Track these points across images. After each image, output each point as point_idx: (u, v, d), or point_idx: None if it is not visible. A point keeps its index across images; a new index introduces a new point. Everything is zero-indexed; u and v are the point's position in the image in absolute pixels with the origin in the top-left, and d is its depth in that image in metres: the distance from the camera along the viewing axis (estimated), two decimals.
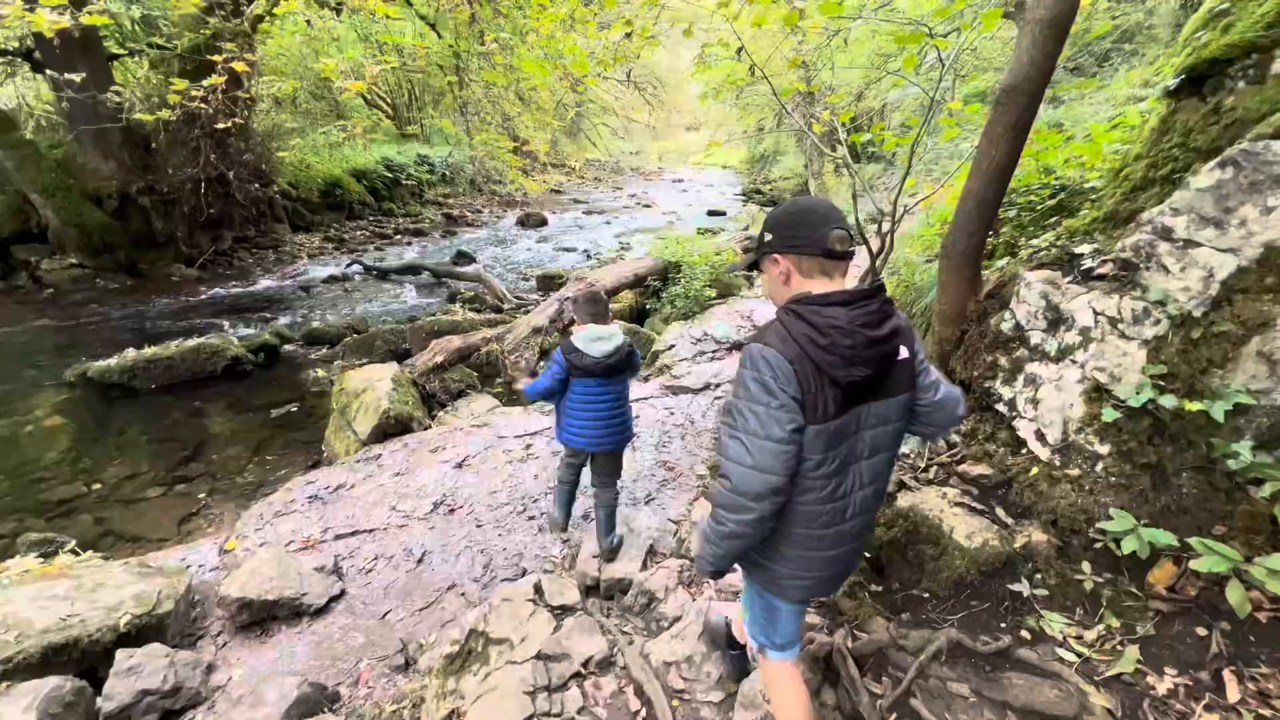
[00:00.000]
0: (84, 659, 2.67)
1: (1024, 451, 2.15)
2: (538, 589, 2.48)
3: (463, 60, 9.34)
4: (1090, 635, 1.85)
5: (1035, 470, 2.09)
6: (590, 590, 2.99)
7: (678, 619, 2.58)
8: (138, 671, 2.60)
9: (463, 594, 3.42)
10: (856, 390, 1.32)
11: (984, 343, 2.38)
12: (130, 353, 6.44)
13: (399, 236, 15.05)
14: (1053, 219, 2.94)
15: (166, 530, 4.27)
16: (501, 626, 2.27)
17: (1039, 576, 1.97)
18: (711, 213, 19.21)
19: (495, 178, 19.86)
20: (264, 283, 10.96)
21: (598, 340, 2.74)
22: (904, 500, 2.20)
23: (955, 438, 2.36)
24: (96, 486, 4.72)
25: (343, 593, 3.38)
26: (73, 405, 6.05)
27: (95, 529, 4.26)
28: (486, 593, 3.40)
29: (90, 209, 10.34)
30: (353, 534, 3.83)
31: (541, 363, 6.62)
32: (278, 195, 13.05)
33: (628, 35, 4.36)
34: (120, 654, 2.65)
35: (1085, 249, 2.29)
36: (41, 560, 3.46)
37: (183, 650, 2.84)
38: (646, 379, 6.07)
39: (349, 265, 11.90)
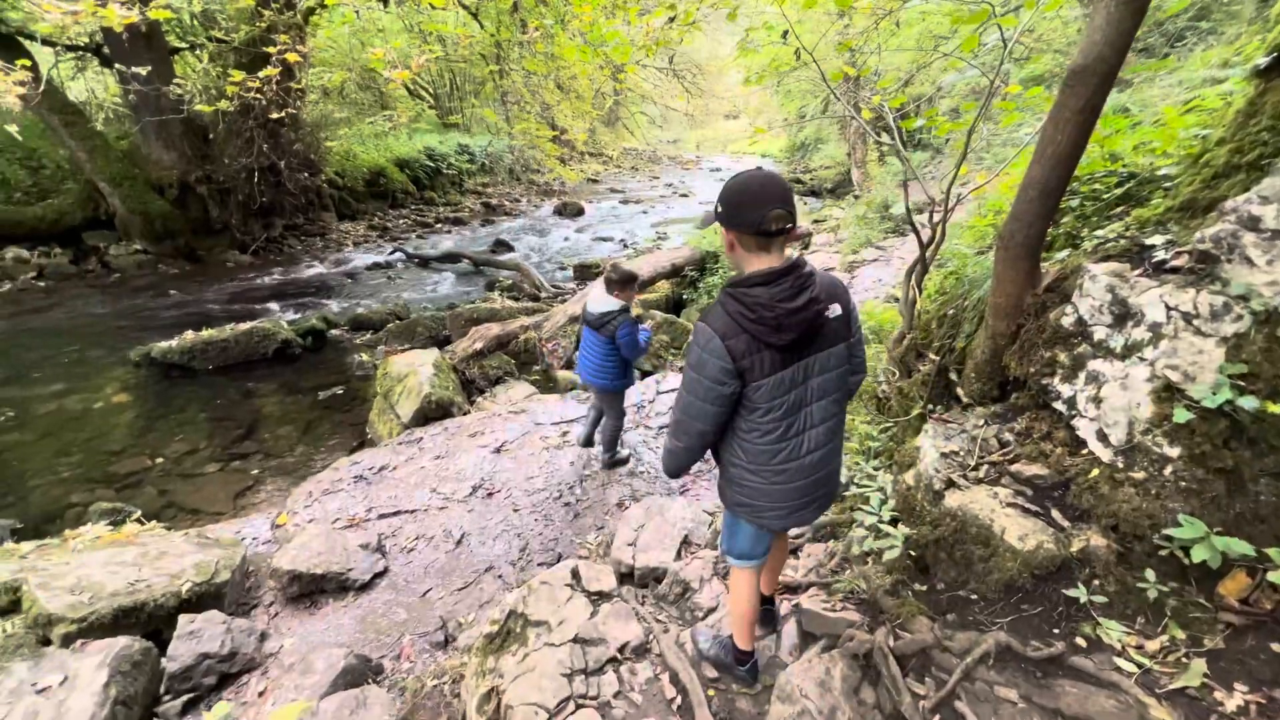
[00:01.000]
0: (150, 621, 2.84)
1: (1084, 452, 2.04)
2: (575, 574, 2.51)
3: (503, 49, 9.39)
4: (1152, 646, 1.75)
5: (1096, 472, 1.99)
6: (624, 578, 3.01)
7: (713, 609, 2.58)
8: (198, 635, 2.75)
9: (499, 576, 3.49)
10: (794, 347, 1.58)
11: (1042, 338, 2.27)
12: (189, 335, 6.77)
13: (439, 225, 15.33)
14: (1119, 209, 2.78)
15: (223, 504, 4.48)
16: (540, 609, 2.31)
17: (1097, 583, 1.88)
18: None
19: (533, 167, 19.98)
20: (312, 269, 11.33)
21: (595, 302, 3.79)
22: (952, 499, 2.13)
23: (1008, 436, 2.27)
24: (159, 460, 4.99)
25: (386, 570, 3.49)
26: (138, 383, 6.40)
27: (158, 500, 4.50)
28: (523, 575, 3.46)
29: (153, 197, 10.86)
30: (395, 514, 3.95)
31: (577, 352, 6.67)
32: (325, 184, 13.44)
33: (670, 20, 4.29)
34: (182, 619, 2.80)
35: (1157, 240, 2.16)
36: (111, 528, 3.69)
37: (238, 618, 2.99)
38: (682, 369, 6.05)
39: (392, 253, 12.20)
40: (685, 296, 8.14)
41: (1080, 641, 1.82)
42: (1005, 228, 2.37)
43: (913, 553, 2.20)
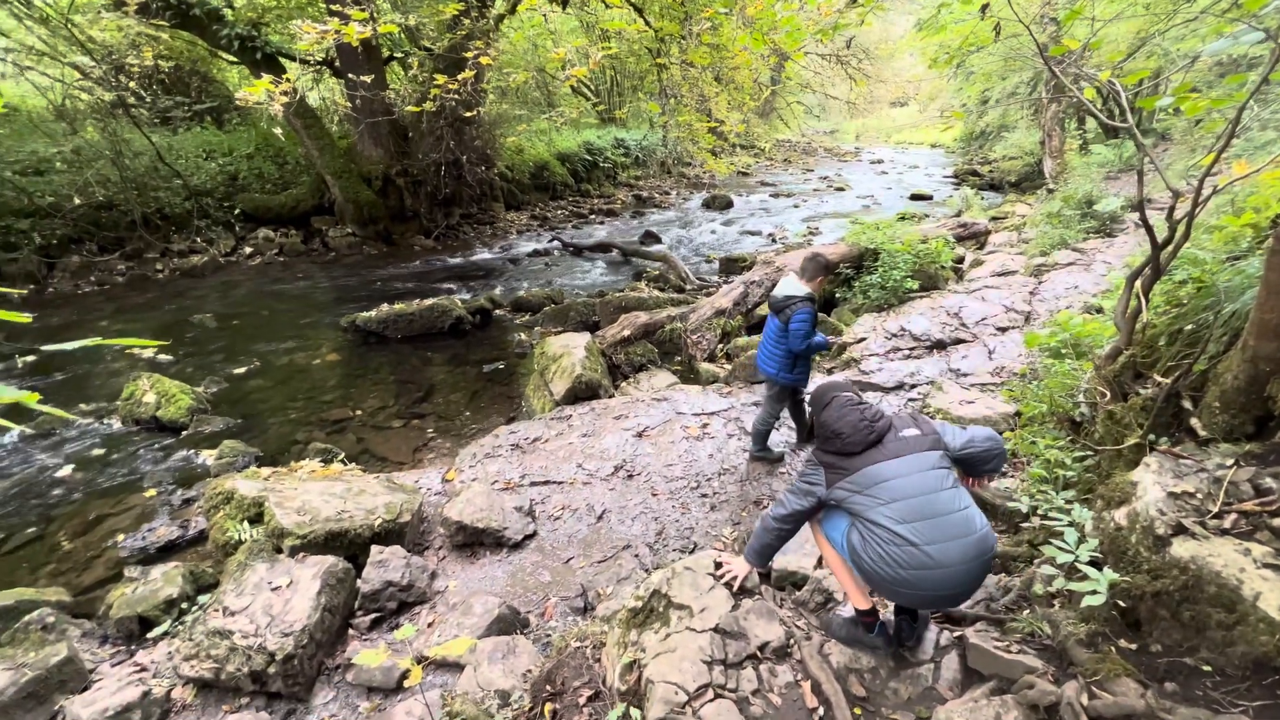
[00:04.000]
0: (350, 547, 3.34)
1: None
2: (718, 565, 2.50)
3: (665, 44, 9.53)
4: None
5: None
6: (761, 577, 2.94)
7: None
8: (385, 565, 3.17)
9: (636, 555, 3.60)
10: None
11: None
12: (385, 307, 7.82)
13: (593, 216, 16.11)
14: None
15: (404, 455, 5.13)
16: (683, 593, 2.33)
17: None
18: (915, 197, 17.40)
19: (684, 160, 20.17)
20: (481, 254, 12.52)
21: (783, 286, 3.73)
22: (1181, 548, 1.77)
23: (1269, 482, 1.83)
24: (358, 412, 5.84)
25: (535, 533, 3.76)
26: (345, 346, 7.55)
27: (356, 446, 5.27)
28: (657, 558, 3.54)
29: (363, 188, 12.69)
30: (545, 483, 4.24)
31: (721, 345, 6.63)
32: (497, 177, 14.73)
33: (853, 1, 4.04)
34: (374, 549, 3.25)
35: None
36: (322, 464, 4.40)
37: (415, 556, 3.40)
38: (830, 371, 5.75)
39: (550, 241, 13.07)
40: (839, 295, 7.70)
41: None
42: None
43: (1120, 603, 1.87)
